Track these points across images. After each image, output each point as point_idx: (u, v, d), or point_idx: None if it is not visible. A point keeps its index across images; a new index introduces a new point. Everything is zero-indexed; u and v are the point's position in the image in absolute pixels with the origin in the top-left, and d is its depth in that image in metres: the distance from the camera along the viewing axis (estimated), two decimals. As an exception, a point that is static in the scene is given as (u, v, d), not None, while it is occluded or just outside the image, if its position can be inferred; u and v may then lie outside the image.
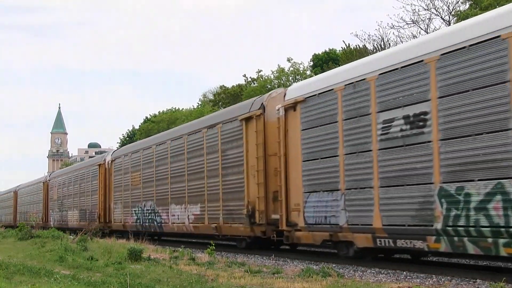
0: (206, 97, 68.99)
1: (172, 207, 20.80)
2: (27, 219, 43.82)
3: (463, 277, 9.93)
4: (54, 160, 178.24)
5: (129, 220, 25.30)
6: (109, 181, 27.87)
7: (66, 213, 35.33)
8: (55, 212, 38.14)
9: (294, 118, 13.95)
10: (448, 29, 12.45)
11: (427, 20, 34.20)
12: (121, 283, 9.25)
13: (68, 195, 35.05)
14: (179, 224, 20.25)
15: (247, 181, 15.90)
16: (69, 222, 34.13)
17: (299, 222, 13.71)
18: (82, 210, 32.01)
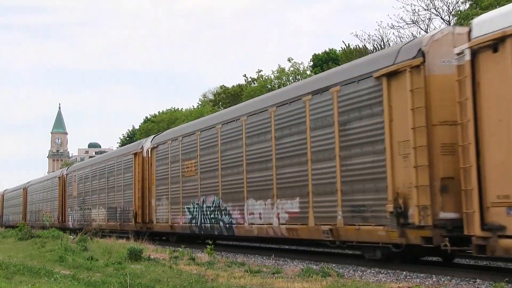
0: (206, 97, 68.98)
1: (250, 203, 15.86)
2: (39, 219, 41.17)
3: (463, 277, 9.93)
4: (54, 160, 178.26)
5: (179, 220, 20.26)
6: (149, 172, 23.00)
7: (89, 212, 30.73)
8: (75, 210, 33.40)
9: (496, 64, 9.18)
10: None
11: (427, 20, 34.24)
12: (121, 283, 9.25)
13: (92, 190, 30.35)
14: (262, 226, 15.27)
15: (392, 163, 11.12)
16: (94, 222, 29.46)
17: (510, 224, 8.88)
18: (112, 208, 27.33)
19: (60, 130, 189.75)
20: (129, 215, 24.72)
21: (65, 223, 35.10)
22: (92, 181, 30.59)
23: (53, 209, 38.04)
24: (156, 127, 62.94)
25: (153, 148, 22.92)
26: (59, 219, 36.25)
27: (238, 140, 16.58)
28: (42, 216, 39.82)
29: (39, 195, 43.06)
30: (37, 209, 43.20)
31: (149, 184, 22.96)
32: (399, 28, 40.91)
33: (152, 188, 22.65)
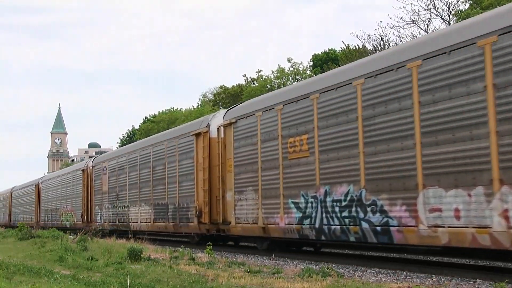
0: (206, 97, 68.97)
1: (432, 194, 10.26)
2: (57, 219, 36.80)
3: (463, 277, 9.93)
4: (54, 160, 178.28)
5: (277, 219, 14.62)
6: (221, 157, 17.48)
7: (125, 211, 25.36)
8: (106, 208, 27.83)
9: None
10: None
11: (427, 20, 34.22)
12: (121, 283, 9.25)
13: (131, 184, 24.90)
14: (464, 230, 9.62)
15: None
16: (133, 222, 24.27)
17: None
18: (160, 205, 21.83)
19: (60, 130, 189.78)
20: (189, 214, 19.38)
21: (91, 223, 29.33)
22: (130, 172, 25.11)
23: (75, 207, 32.72)
24: (156, 127, 62.92)
25: (228, 124, 17.31)
26: (84, 218, 30.67)
27: (402, 99, 10.98)
28: (60, 216, 35.69)
29: (57, 191, 37.63)
30: (54, 207, 38.03)
31: (220, 172, 17.46)
32: (399, 28, 41.08)
33: (228, 178, 17.12)
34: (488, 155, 9.14)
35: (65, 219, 34.34)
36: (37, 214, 42.56)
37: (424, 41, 11.22)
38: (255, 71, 68.78)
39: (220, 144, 17.63)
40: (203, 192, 18.42)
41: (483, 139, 9.29)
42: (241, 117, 16.67)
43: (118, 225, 25.99)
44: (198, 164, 18.84)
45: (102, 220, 28.23)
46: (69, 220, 33.30)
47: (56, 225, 34.94)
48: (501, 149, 8.97)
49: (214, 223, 17.92)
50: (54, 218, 37.84)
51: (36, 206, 43.12)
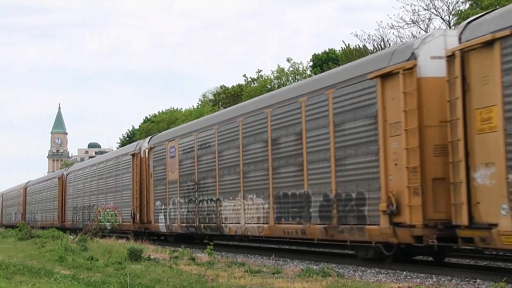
0: (206, 97, 68.98)
1: None
2: (91, 218, 29.37)
3: (463, 277, 9.93)
4: (54, 160, 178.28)
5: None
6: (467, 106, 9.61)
7: (215, 206, 17.55)
8: (175, 204, 20.19)
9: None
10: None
11: (427, 20, 34.22)
12: (121, 283, 9.25)
13: (223, 167, 17.12)
14: None
15: None
16: (231, 223, 16.70)
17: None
18: (290, 196, 14.14)
19: (60, 130, 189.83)
20: (365, 209, 11.69)
21: (148, 224, 22.54)
22: (223, 151, 17.14)
23: (121, 203, 25.27)
24: (156, 127, 62.93)
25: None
26: (136, 217, 23.33)
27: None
28: (97, 214, 28.43)
29: (90, 184, 30.32)
30: (87, 204, 30.47)
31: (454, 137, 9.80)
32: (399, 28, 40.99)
33: (474, 146, 9.37)
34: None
35: (104, 219, 27.29)
36: (61, 212, 35.34)
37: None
38: (255, 71, 68.72)
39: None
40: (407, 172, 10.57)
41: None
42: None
43: (199, 227, 18.56)
44: (382, 123, 11.26)
45: (169, 220, 20.74)
46: (111, 220, 26.24)
47: (90, 227, 27.16)
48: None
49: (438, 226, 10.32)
50: (87, 218, 30.28)
51: (60, 203, 35.68)
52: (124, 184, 25.17)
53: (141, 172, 23.34)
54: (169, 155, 21.04)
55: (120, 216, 25.47)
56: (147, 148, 23.06)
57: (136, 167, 23.71)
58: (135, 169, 23.81)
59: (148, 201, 22.69)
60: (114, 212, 26.28)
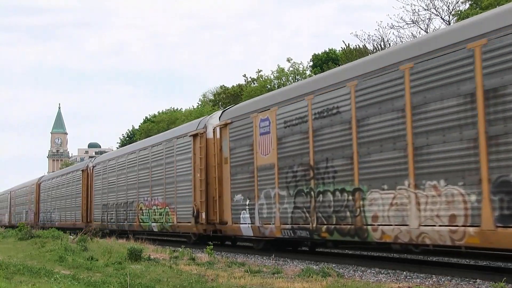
0: (206, 97, 69.00)
1: None
2: (130, 218, 24.11)
3: (463, 277, 9.93)
4: (54, 160, 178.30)
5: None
6: None
7: (352, 198, 12.04)
8: (271, 198, 14.81)
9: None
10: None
11: (427, 20, 34.24)
12: (121, 283, 9.25)
13: (384, 138, 11.34)
14: None
15: None
16: (385, 225, 11.19)
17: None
18: None
19: (60, 130, 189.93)
20: None
21: (223, 226, 17.07)
22: (366, 118, 11.86)
23: (178, 199, 19.88)
24: (156, 127, 62.94)
25: None
26: (201, 216, 17.96)
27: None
28: (138, 213, 23.27)
29: (126, 176, 24.97)
30: (123, 200, 25.18)
31: None
32: (399, 28, 41.08)
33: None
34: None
35: (148, 218, 22.14)
36: (86, 211, 30.13)
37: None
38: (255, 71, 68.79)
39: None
40: None
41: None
42: None
43: (317, 231, 13.05)
44: None
45: (259, 220, 15.24)
46: (159, 220, 21.06)
47: (129, 228, 23.95)
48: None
49: None
50: (122, 217, 25.08)
51: (84, 199, 30.30)
52: (181, 174, 19.77)
53: (207, 157, 18.06)
54: (258, 131, 15.53)
55: (173, 215, 20.04)
56: (219, 125, 17.56)
57: (200, 150, 18.32)
58: (198, 154, 18.45)
59: (221, 194, 17.16)
60: (165, 210, 20.81)
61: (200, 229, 18.38)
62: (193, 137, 18.95)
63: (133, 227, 23.94)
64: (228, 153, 16.98)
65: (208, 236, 18.82)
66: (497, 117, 9.13)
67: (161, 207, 21.33)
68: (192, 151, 18.95)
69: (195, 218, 18.47)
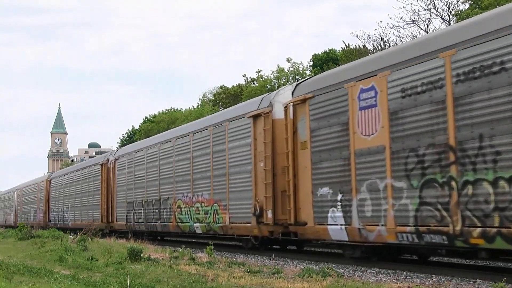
0: (206, 97, 69.00)
1: None
2: (160, 217, 20.97)
3: (463, 277, 9.93)
4: (54, 160, 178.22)
5: None
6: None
7: None
8: (378, 192, 11.29)
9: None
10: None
11: (427, 20, 34.22)
12: (121, 283, 9.25)
13: None
14: None
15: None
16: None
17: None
18: None
19: (60, 130, 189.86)
20: None
21: (300, 227, 13.63)
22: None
23: (231, 194, 16.58)
24: (156, 127, 62.94)
25: None
26: (265, 215, 14.88)
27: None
28: (175, 212, 19.71)
29: (158, 169, 21.60)
30: (154, 197, 21.77)
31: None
32: (399, 28, 41.04)
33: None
34: None
35: (189, 218, 18.81)
36: (106, 210, 26.82)
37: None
38: (255, 71, 68.79)
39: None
40: None
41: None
42: None
43: (464, 236, 9.61)
44: None
45: (358, 220, 11.92)
46: (205, 220, 17.84)
47: (163, 229, 21.03)
48: None
49: None
50: (154, 216, 21.57)
51: (104, 197, 27.25)
52: (236, 163, 16.48)
53: (274, 143, 15.02)
54: (356, 105, 12.04)
55: (225, 213, 16.76)
56: (293, 101, 13.99)
57: (265, 134, 15.12)
58: (261, 139, 15.31)
59: (297, 188, 13.78)
60: (212, 208, 17.50)
61: (264, 231, 15.01)
62: (254, 119, 15.59)
63: (168, 228, 20.55)
64: (307, 136, 13.34)
65: (273, 240, 15.56)
66: None
67: (207, 205, 17.84)
68: (252, 136, 15.56)
69: (256, 217, 15.12)
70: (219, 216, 17.12)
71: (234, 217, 16.40)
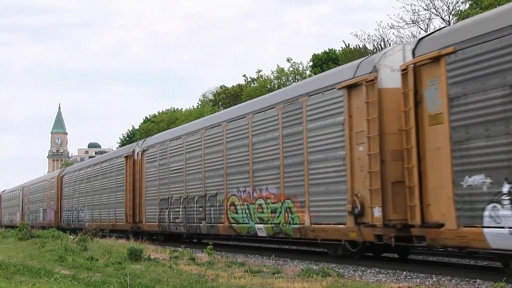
0: (206, 97, 69.00)
1: None
2: (206, 216, 17.67)
3: (463, 277, 9.93)
4: (54, 160, 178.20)
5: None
6: None
7: None
8: None
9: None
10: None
11: (427, 20, 34.23)
12: (121, 283, 9.24)
13: None
14: None
15: None
16: None
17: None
18: None
19: (60, 130, 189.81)
20: None
21: (458, 233, 9.46)
22: None
23: (313, 187, 13.29)
24: (156, 127, 62.93)
25: None
26: (370, 214, 11.39)
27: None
28: (227, 211, 16.50)
29: (201, 159, 18.24)
30: (196, 192, 18.42)
31: None
32: (399, 28, 41.01)
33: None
34: None
35: (248, 218, 15.48)
36: (132, 209, 23.24)
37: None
38: (255, 71, 68.78)
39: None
40: None
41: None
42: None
43: None
44: None
45: None
46: (274, 221, 14.48)
47: (210, 231, 17.65)
48: None
49: None
50: (198, 216, 18.12)
51: (129, 193, 23.50)
52: (319, 148, 13.18)
53: (382, 119, 11.47)
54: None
55: (303, 212, 13.41)
56: (418, 61, 10.44)
57: (367, 109, 11.66)
58: (360, 115, 11.89)
59: (425, 176, 10.35)
60: (283, 204, 14.14)
61: (368, 234, 11.56)
62: (347, 90, 12.17)
63: (217, 230, 17.21)
64: (443, 106, 9.83)
65: (378, 246, 12.40)
66: None
67: (275, 201, 14.41)
68: (346, 112, 12.18)
69: (355, 217, 11.76)
70: (293, 216, 13.75)
71: (317, 216, 13.03)
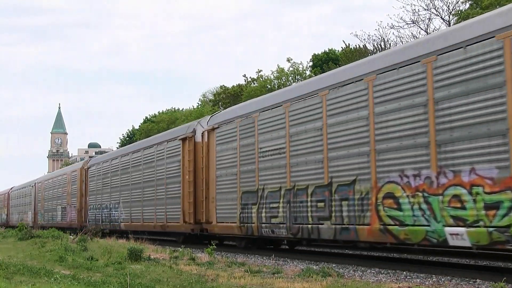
0: (206, 97, 68.99)
1: None
2: (340, 215, 11.80)
3: (463, 277, 9.92)
4: (54, 160, 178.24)
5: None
6: None
7: None
8: None
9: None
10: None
11: (427, 20, 34.20)
12: (121, 283, 9.24)
13: None
14: None
15: None
16: None
17: None
18: None
19: (60, 130, 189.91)
20: None
21: None
22: None
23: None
24: (156, 127, 62.92)
25: None
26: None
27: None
28: (380, 206, 10.86)
29: (319, 133, 12.58)
30: (311, 182, 12.89)
31: None
32: (399, 28, 41.05)
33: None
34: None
35: (426, 217, 9.89)
36: (193, 204, 18.33)
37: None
38: (255, 71, 68.78)
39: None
40: None
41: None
42: None
43: None
44: None
45: None
46: (494, 222, 8.63)
47: (340, 237, 12.09)
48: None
49: None
50: (320, 213, 12.59)
51: (188, 185, 18.63)
52: None
53: None
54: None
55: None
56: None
57: None
58: None
59: None
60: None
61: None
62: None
63: (356, 235, 11.58)
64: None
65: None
66: None
67: (495, 190, 8.74)
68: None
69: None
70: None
71: None
